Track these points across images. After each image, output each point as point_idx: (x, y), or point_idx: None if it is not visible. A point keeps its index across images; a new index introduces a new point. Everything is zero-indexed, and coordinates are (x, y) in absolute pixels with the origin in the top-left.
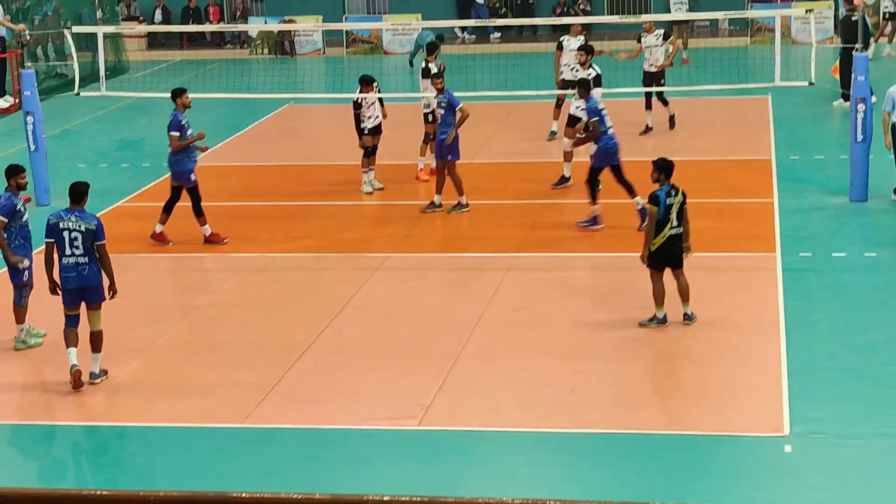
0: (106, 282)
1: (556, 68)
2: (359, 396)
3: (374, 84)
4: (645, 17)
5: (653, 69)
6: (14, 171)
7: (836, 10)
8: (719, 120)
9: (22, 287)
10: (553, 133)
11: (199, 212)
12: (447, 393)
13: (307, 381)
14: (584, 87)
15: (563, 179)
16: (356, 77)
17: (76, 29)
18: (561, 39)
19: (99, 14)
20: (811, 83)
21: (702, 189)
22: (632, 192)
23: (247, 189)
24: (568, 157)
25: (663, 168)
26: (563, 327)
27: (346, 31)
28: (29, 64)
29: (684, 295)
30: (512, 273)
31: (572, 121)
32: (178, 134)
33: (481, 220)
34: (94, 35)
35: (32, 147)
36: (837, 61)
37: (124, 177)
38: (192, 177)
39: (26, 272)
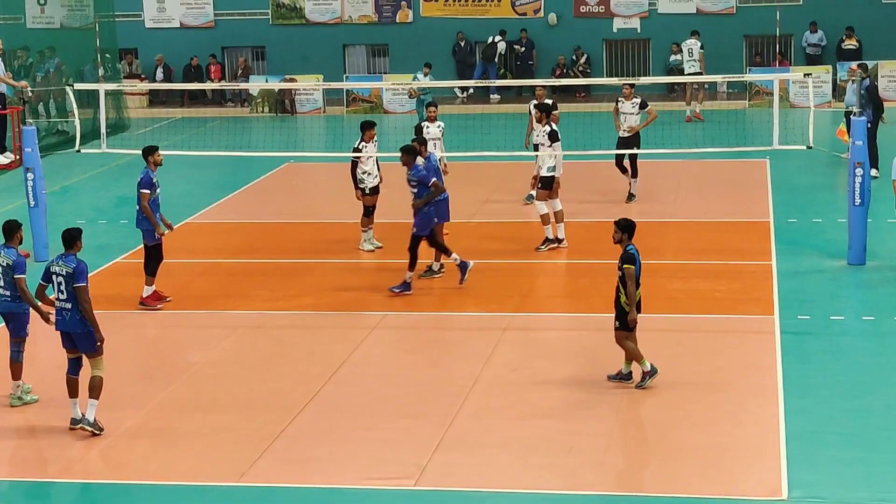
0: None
1: (528, 132)
2: (355, 456)
3: (376, 127)
4: (644, 80)
5: (626, 135)
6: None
7: (835, 75)
8: (718, 182)
9: (20, 341)
10: (530, 196)
11: (149, 271)
12: (444, 453)
13: (303, 439)
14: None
15: (547, 241)
16: (356, 136)
17: (78, 86)
18: (530, 104)
19: (101, 72)
20: (809, 147)
21: (700, 251)
22: (446, 252)
23: (246, 246)
24: (545, 219)
25: (626, 228)
26: (560, 388)
27: (347, 91)
28: (30, 121)
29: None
30: (509, 333)
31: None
32: (148, 192)
33: (479, 279)
34: (95, 92)
35: (32, 203)
36: (843, 124)
37: (123, 233)
38: (156, 235)
39: (28, 326)
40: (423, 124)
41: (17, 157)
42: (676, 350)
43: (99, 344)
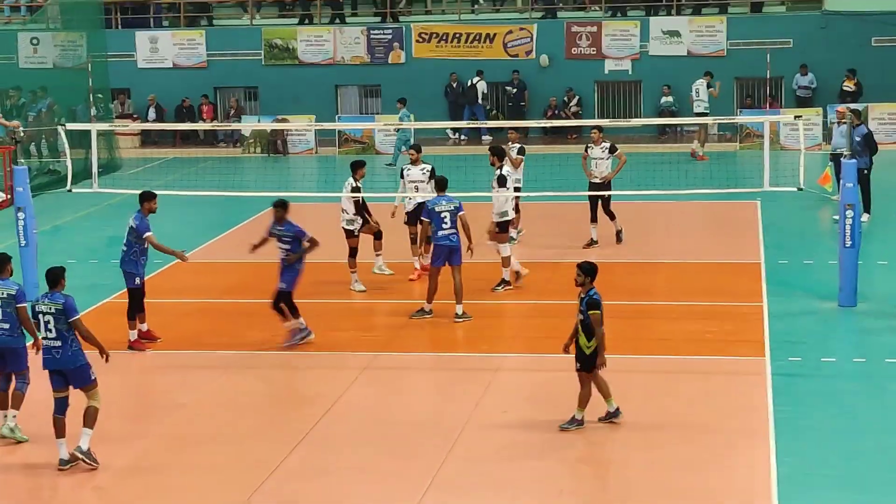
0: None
1: None
2: (346, 496)
3: (365, 167)
4: (635, 122)
5: (597, 181)
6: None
7: (826, 117)
8: (708, 223)
9: (24, 373)
10: (511, 238)
11: (131, 315)
12: (435, 494)
13: (294, 479)
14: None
15: (504, 282)
16: (347, 176)
17: (70, 126)
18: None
19: (93, 111)
20: (800, 189)
21: (691, 292)
22: (295, 313)
23: (237, 286)
24: (506, 261)
25: (589, 271)
26: (552, 429)
27: (339, 131)
28: (22, 160)
29: (584, 402)
30: (501, 374)
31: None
32: (153, 234)
33: (471, 320)
34: (87, 132)
35: (23, 242)
36: (827, 169)
37: (114, 273)
38: (137, 280)
39: (27, 360)
40: (404, 167)
41: (9, 196)
42: (667, 391)
43: (105, 360)
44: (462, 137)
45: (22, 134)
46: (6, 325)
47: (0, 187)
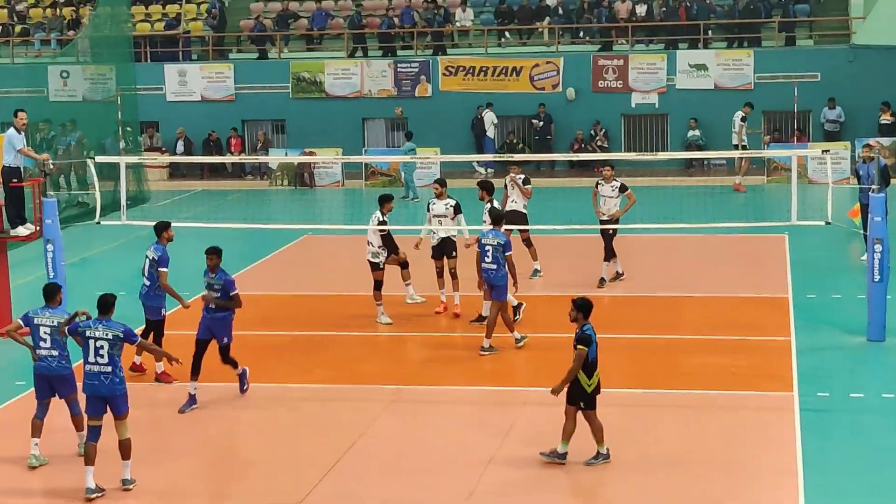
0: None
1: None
2: None
3: (393, 201)
4: (661, 155)
5: (605, 217)
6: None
7: (853, 151)
8: (736, 257)
9: (74, 397)
10: (536, 272)
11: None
12: None
13: None
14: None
15: (481, 317)
16: (374, 209)
17: (99, 159)
18: (506, 178)
19: (122, 144)
20: (828, 223)
21: (718, 326)
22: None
23: (264, 319)
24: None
25: (582, 307)
26: (578, 464)
27: (366, 164)
28: (51, 193)
29: (569, 436)
30: (527, 408)
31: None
32: (167, 270)
33: (497, 353)
34: (116, 165)
35: (51, 275)
36: (857, 204)
37: (141, 306)
38: (163, 311)
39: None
40: (430, 201)
41: (38, 228)
42: (694, 426)
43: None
44: (489, 170)
45: (51, 166)
46: (55, 352)
47: (29, 219)
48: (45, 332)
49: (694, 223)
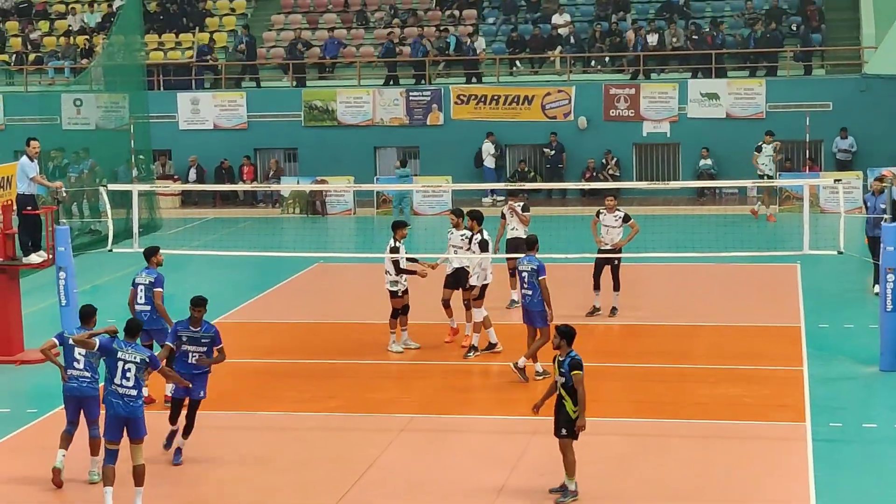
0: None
1: (499, 237)
2: None
3: (407, 228)
4: (673, 184)
5: (607, 247)
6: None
7: (866, 181)
8: (748, 286)
9: (97, 420)
10: (513, 302)
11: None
12: None
13: None
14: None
15: (473, 348)
16: (386, 237)
17: (112, 187)
18: (504, 207)
19: (134, 172)
20: (840, 252)
21: (729, 355)
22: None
23: (275, 347)
24: (477, 327)
25: (565, 335)
26: (588, 495)
27: (377, 192)
28: (63, 220)
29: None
30: (538, 437)
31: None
32: (162, 291)
33: (507, 382)
34: (128, 192)
35: (63, 302)
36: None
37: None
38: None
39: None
40: (449, 230)
41: (50, 255)
42: (705, 457)
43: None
44: (499, 198)
45: (64, 194)
46: (87, 374)
47: (42, 247)
48: (79, 353)
49: (706, 252)
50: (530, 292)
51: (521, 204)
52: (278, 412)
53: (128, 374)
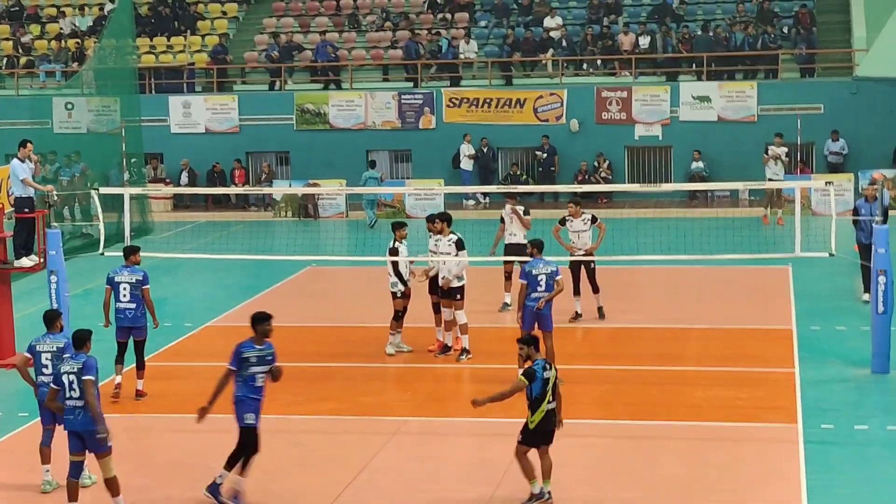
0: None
1: (497, 239)
2: None
3: (406, 228)
4: (665, 187)
5: (580, 252)
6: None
7: (857, 183)
8: (739, 289)
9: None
10: (506, 305)
11: (141, 365)
12: None
13: None
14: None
15: (465, 351)
16: (378, 240)
17: (103, 190)
18: (503, 210)
19: (126, 176)
20: (831, 255)
21: (722, 358)
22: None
23: None
24: (464, 328)
25: (530, 342)
26: (586, 496)
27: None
28: (55, 224)
29: (548, 473)
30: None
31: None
32: (148, 287)
33: (500, 385)
34: (120, 196)
35: (55, 306)
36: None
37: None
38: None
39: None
40: (434, 238)
41: (41, 259)
42: (697, 459)
43: (109, 442)
44: (486, 201)
45: (55, 198)
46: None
47: (33, 250)
48: (45, 359)
49: (697, 255)
50: (545, 295)
51: (523, 208)
52: (272, 415)
53: (73, 386)
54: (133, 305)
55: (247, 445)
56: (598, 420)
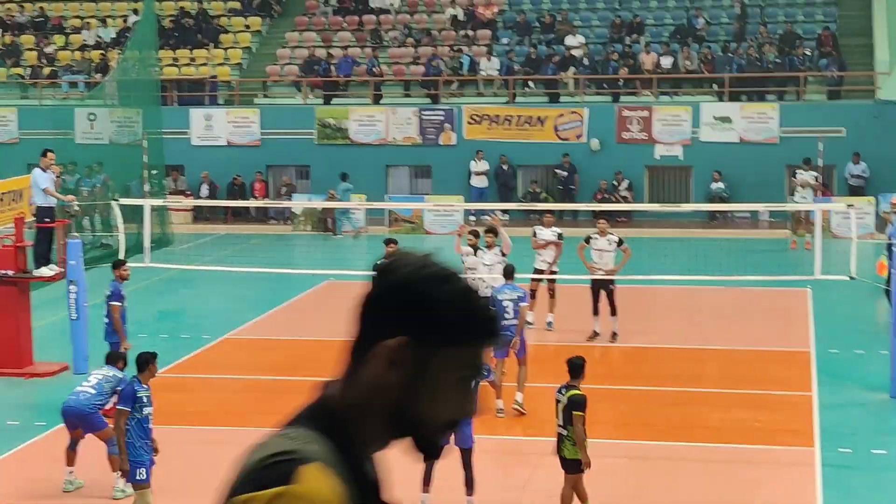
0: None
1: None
2: None
3: (397, 245)
4: (685, 207)
5: (601, 273)
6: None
7: (878, 206)
8: (759, 311)
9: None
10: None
11: None
12: None
13: None
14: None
15: None
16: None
17: (123, 201)
18: (533, 229)
19: (147, 187)
20: (852, 277)
21: (740, 380)
22: None
23: (284, 363)
24: None
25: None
26: None
27: (388, 211)
28: (75, 234)
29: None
30: (548, 458)
31: None
32: (119, 304)
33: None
34: (140, 207)
35: (74, 316)
36: (882, 258)
37: (162, 347)
38: (122, 349)
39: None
40: (480, 251)
41: (61, 269)
42: (715, 481)
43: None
44: (506, 216)
45: (76, 208)
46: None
47: (53, 260)
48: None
49: (717, 275)
50: (515, 321)
51: (533, 230)
52: None
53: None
54: (107, 320)
55: None
56: (616, 440)
